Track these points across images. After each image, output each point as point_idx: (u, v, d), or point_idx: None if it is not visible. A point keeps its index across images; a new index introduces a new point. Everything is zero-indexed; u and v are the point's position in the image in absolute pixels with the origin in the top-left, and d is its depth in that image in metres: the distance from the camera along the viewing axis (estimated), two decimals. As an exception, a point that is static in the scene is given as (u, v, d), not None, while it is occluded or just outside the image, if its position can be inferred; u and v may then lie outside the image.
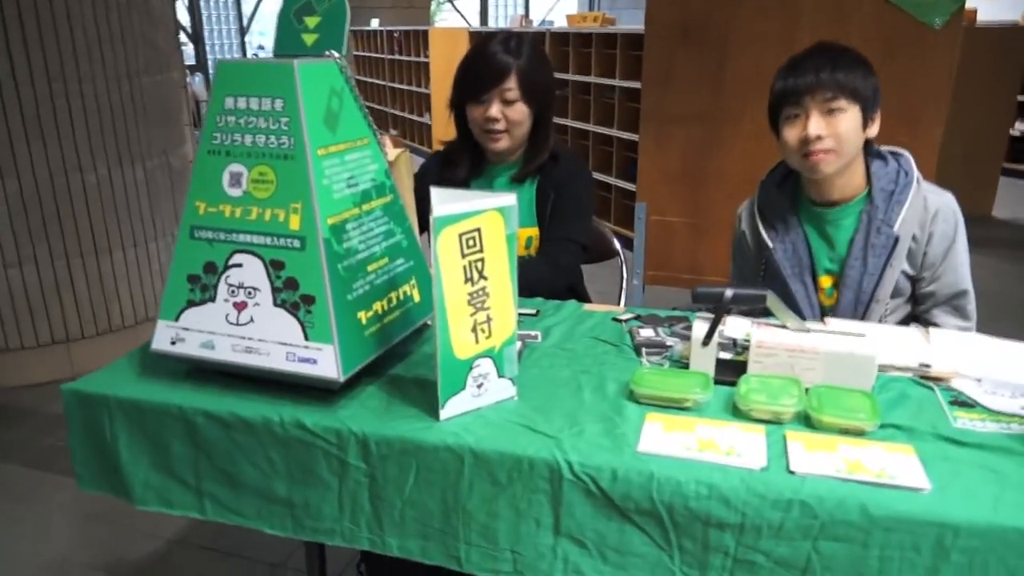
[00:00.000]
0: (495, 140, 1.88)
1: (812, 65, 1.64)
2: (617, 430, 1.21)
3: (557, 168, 1.97)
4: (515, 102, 1.84)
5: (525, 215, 1.97)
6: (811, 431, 1.20)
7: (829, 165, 1.66)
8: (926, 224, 1.70)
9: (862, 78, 1.63)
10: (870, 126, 1.68)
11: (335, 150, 1.31)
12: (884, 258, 1.70)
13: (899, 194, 1.70)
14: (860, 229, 1.72)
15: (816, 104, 1.63)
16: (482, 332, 1.25)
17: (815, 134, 1.62)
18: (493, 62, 1.82)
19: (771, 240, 1.80)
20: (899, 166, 1.74)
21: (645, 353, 1.48)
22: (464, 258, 1.20)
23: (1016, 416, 1.25)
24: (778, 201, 1.81)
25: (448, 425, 1.23)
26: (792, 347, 1.32)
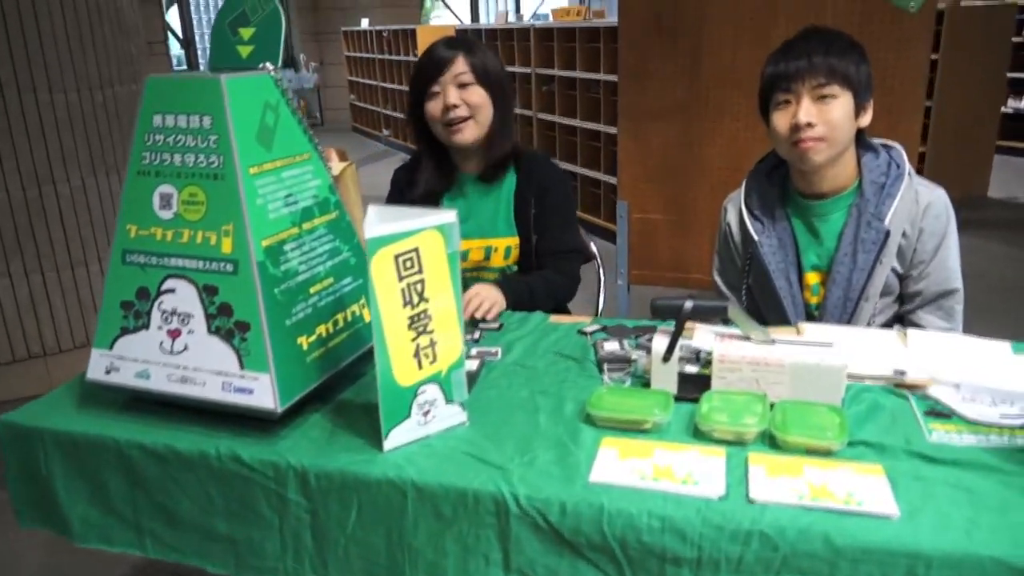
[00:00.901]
0: (459, 130, 1.80)
1: (804, 49, 1.57)
2: (570, 457, 1.14)
3: (533, 171, 1.90)
4: (470, 85, 1.78)
5: (503, 223, 1.90)
6: (776, 452, 1.14)
7: (819, 154, 1.59)
8: (916, 219, 1.63)
9: (855, 64, 1.57)
10: (862, 115, 1.61)
11: (270, 167, 1.24)
12: (874, 253, 1.63)
13: (890, 187, 1.63)
14: (849, 223, 1.65)
15: (807, 90, 1.56)
16: (426, 357, 1.18)
17: (805, 120, 1.56)
18: (439, 55, 1.78)
19: (757, 233, 1.73)
20: (890, 158, 1.67)
21: (607, 369, 1.41)
22: (402, 280, 1.13)
23: (994, 426, 1.18)
24: (766, 192, 1.74)
25: (392, 456, 1.17)
26: (756, 360, 1.25)
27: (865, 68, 1.59)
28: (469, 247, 1.90)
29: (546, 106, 6.04)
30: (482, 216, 1.90)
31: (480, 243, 1.90)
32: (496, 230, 1.90)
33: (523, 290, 1.79)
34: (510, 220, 1.89)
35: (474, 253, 1.91)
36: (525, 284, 1.81)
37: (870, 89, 1.61)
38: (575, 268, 1.94)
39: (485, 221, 1.90)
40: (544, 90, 6.02)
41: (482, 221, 1.90)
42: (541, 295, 1.82)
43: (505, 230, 1.90)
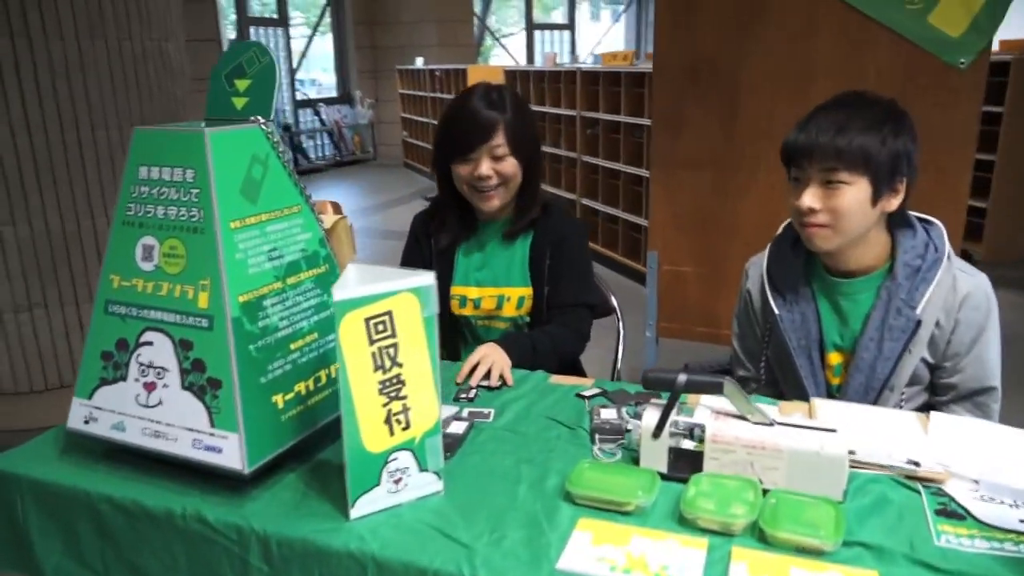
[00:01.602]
0: (488, 199, 1.78)
1: (818, 124, 1.45)
2: (542, 538, 1.08)
3: (550, 222, 1.87)
4: (505, 157, 1.74)
5: (517, 274, 1.87)
6: (763, 547, 1.05)
7: (825, 241, 1.49)
8: (953, 309, 1.51)
9: (880, 142, 1.42)
10: (888, 198, 1.47)
11: (254, 221, 1.22)
12: (902, 343, 1.51)
13: (926, 271, 1.50)
14: (878, 306, 1.53)
15: (815, 172, 1.46)
16: (398, 423, 1.14)
17: (807, 206, 1.46)
18: (479, 118, 1.73)
19: (778, 307, 1.62)
20: (929, 238, 1.54)
21: (598, 440, 1.35)
22: (373, 344, 1.09)
23: (1012, 533, 1.07)
24: (790, 265, 1.63)
25: (357, 526, 1.12)
26: (751, 443, 1.17)
27: (899, 145, 1.44)
28: (482, 295, 1.87)
29: (590, 149, 6.01)
30: (497, 266, 1.88)
31: (494, 292, 1.87)
32: (511, 280, 1.87)
33: (526, 347, 1.73)
34: (525, 271, 1.86)
35: (487, 302, 1.87)
36: (528, 340, 1.76)
37: (900, 169, 1.45)
38: (583, 323, 1.89)
39: (500, 271, 1.87)
40: (588, 133, 6.00)
41: (497, 270, 1.88)
42: (545, 351, 1.77)
43: (519, 280, 1.87)
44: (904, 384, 1.55)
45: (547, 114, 6.65)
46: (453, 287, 1.89)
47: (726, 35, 2.79)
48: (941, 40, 2.56)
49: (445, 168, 1.81)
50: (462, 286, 1.89)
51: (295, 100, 11.53)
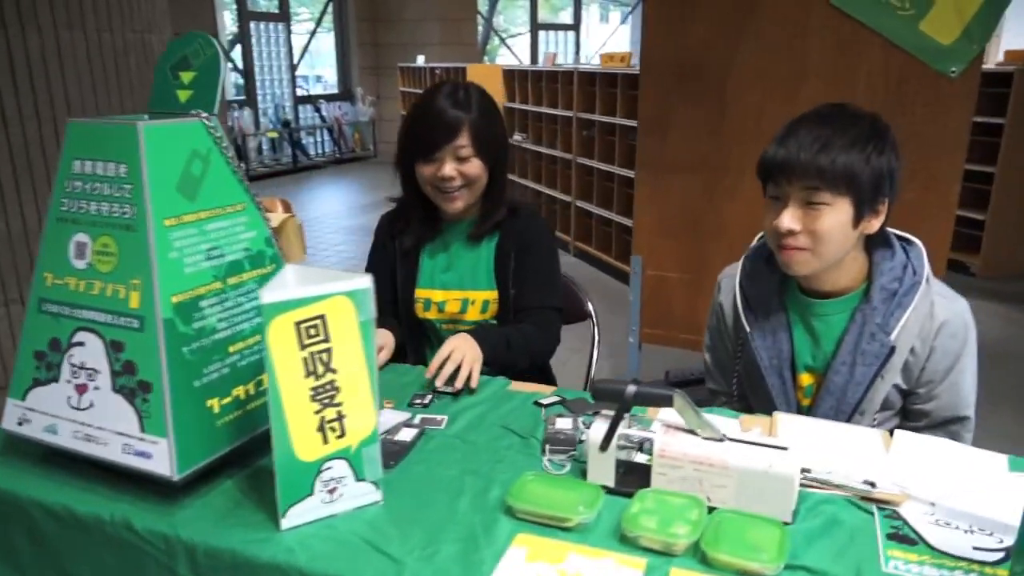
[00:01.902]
0: (452, 200, 1.73)
1: (798, 141, 1.37)
2: (476, 555, 1.04)
3: (516, 224, 1.83)
4: (469, 158, 1.70)
5: (483, 276, 1.83)
6: (704, 569, 1.01)
7: (803, 266, 1.43)
8: (929, 336, 1.45)
9: (864, 161, 1.35)
10: (869, 219, 1.41)
11: (191, 219, 1.18)
12: (875, 368, 1.45)
13: (902, 296, 1.44)
14: (851, 330, 1.47)
15: (795, 191, 1.38)
16: (332, 431, 1.10)
17: (786, 228, 1.39)
18: (443, 118, 1.68)
19: (749, 325, 1.57)
20: (907, 259, 1.47)
21: (548, 451, 1.30)
22: (304, 349, 1.05)
23: (963, 561, 1.03)
24: (765, 282, 1.57)
25: (287, 538, 1.08)
26: (699, 459, 1.12)
27: (881, 163, 1.37)
28: (447, 298, 1.83)
29: (585, 151, 5.96)
30: (462, 268, 1.84)
31: (458, 295, 1.83)
32: (476, 283, 1.83)
33: (501, 341, 1.69)
34: (490, 273, 1.82)
35: (451, 304, 1.83)
36: (503, 335, 1.71)
37: (883, 190, 1.39)
38: (553, 325, 1.84)
39: (465, 273, 1.83)
40: (584, 135, 5.96)
41: (462, 273, 1.84)
42: (519, 347, 1.72)
43: (485, 283, 1.82)
44: (875, 410, 1.50)
45: (543, 115, 6.62)
46: (417, 290, 1.85)
47: (715, 35, 2.74)
48: (932, 48, 2.52)
49: (409, 167, 1.77)
50: (427, 289, 1.85)
51: (295, 96, 11.50)
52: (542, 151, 6.73)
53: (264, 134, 11.23)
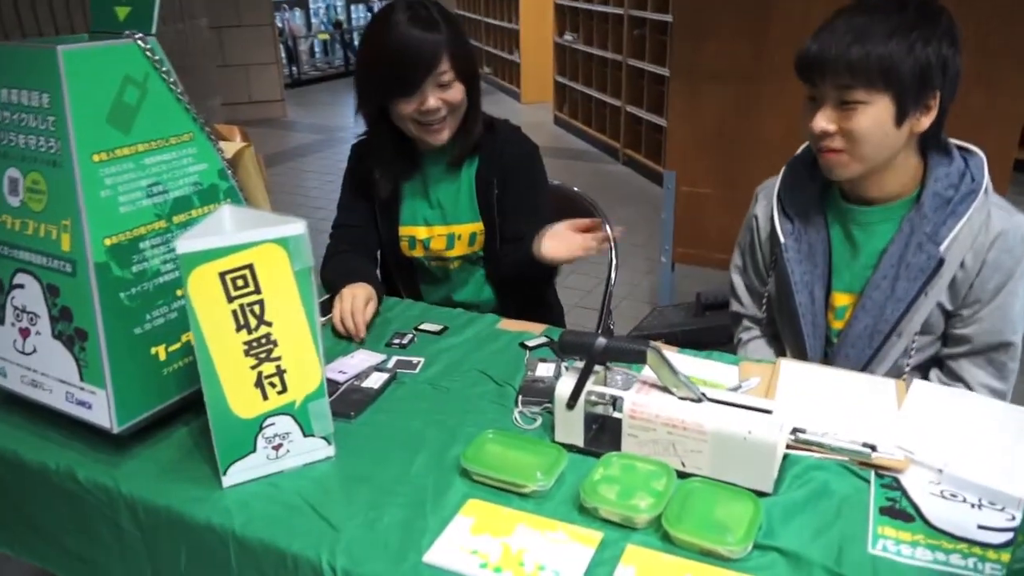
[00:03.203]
0: (437, 132, 1.57)
1: (834, 32, 1.23)
2: (420, 522, 0.96)
3: (495, 145, 1.66)
4: (451, 84, 1.52)
5: (465, 208, 1.69)
6: (665, 547, 0.91)
7: (843, 169, 1.30)
8: (983, 249, 1.29)
9: (905, 51, 1.20)
10: (917, 117, 1.25)
11: (126, 153, 1.09)
12: (920, 283, 1.31)
13: (957, 204, 1.30)
14: (896, 240, 1.33)
15: (830, 89, 1.25)
16: (272, 386, 1.02)
17: (820, 128, 1.27)
18: (417, 46, 1.48)
19: (784, 235, 1.43)
20: (966, 167, 1.33)
21: (521, 402, 1.21)
22: (232, 302, 0.97)
23: (963, 543, 0.91)
24: (805, 188, 1.44)
25: (225, 497, 1.02)
26: (671, 421, 1.02)
27: (930, 52, 1.21)
28: (431, 234, 1.71)
29: (636, 52, 5.64)
30: (445, 201, 1.69)
31: (443, 230, 1.70)
32: (459, 215, 1.69)
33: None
34: (473, 204, 1.68)
35: (436, 242, 1.71)
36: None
37: (935, 80, 1.23)
38: None
39: (448, 206, 1.69)
40: (635, 34, 5.62)
41: (445, 206, 1.69)
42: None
43: (468, 215, 1.68)
44: (915, 331, 1.35)
45: (595, 12, 6.26)
46: (401, 227, 1.71)
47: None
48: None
49: (378, 106, 1.59)
50: (410, 226, 1.71)
51: (347, -7, 11.21)
52: (593, 52, 6.41)
53: (315, 36, 11.04)
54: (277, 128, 7.77)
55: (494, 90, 9.50)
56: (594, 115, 6.62)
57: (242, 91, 7.80)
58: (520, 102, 8.57)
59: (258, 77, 7.88)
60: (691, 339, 1.77)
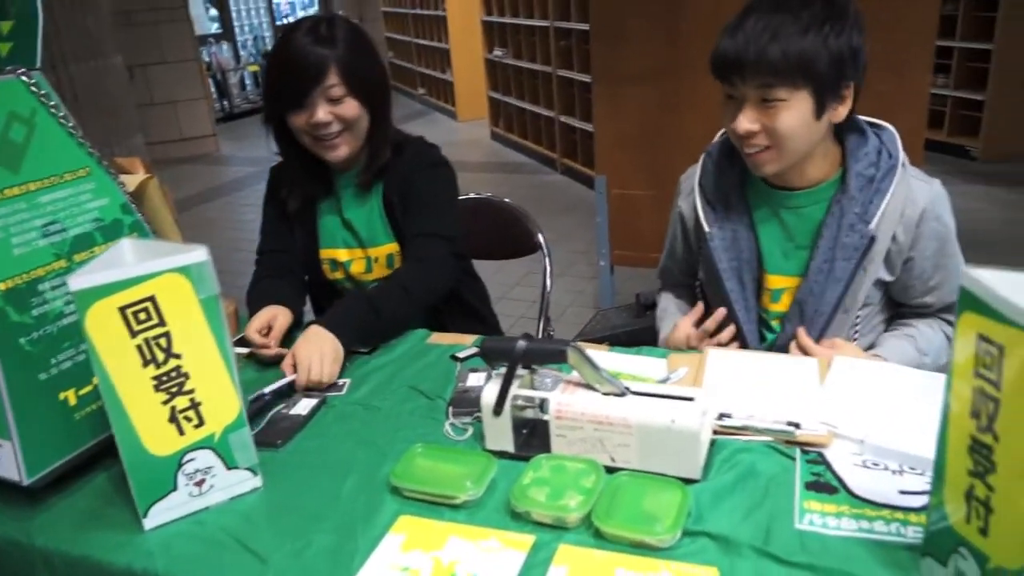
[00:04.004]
0: (333, 148, 1.55)
1: (747, 32, 1.23)
2: (349, 545, 0.94)
3: (399, 164, 1.64)
4: (342, 99, 1.51)
5: (379, 229, 1.66)
6: (595, 544, 0.91)
7: (768, 164, 1.31)
8: (912, 223, 1.33)
9: (820, 44, 1.21)
10: (834, 107, 1.28)
11: (16, 193, 1.05)
12: (855, 261, 1.33)
13: (880, 181, 1.33)
14: (829, 223, 1.35)
15: (750, 89, 1.25)
16: (187, 420, 0.99)
17: (744, 129, 1.27)
18: (306, 58, 1.48)
19: (708, 223, 1.44)
20: (881, 143, 1.36)
21: (452, 413, 1.20)
22: (136, 336, 0.94)
23: (886, 509, 0.92)
24: (725, 175, 1.44)
25: (148, 540, 0.99)
26: (597, 418, 1.01)
27: (842, 44, 1.23)
28: (351, 257, 1.68)
29: (564, 63, 5.70)
30: (359, 224, 1.66)
31: (360, 253, 1.68)
32: (374, 238, 1.66)
33: (365, 316, 1.44)
34: (386, 227, 1.65)
35: (355, 265, 1.68)
36: (365, 304, 1.46)
37: (848, 71, 1.25)
38: (438, 251, 1.58)
39: (362, 230, 1.66)
40: (562, 45, 5.68)
41: (360, 229, 1.67)
42: (395, 308, 1.48)
43: (383, 236, 1.66)
44: (858, 306, 1.38)
45: (521, 26, 6.32)
46: (322, 250, 1.69)
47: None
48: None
49: (280, 121, 1.57)
50: (330, 248, 1.69)
51: (275, 25, 11.13)
52: (523, 65, 6.46)
53: (245, 68, 10.91)
54: (211, 163, 7.66)
55: (430, 110, 9.51)
56: (529, 127, 6.66)
57: (172, 128, 7.68)
58: (457, 120, 8.59)
59: (187, 113, 7.77)
60: (634, 339, 1.77)
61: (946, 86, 5.61)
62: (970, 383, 0.72)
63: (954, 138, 5.59)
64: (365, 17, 11.66)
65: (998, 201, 4.72)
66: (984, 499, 0.73)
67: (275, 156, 1.68)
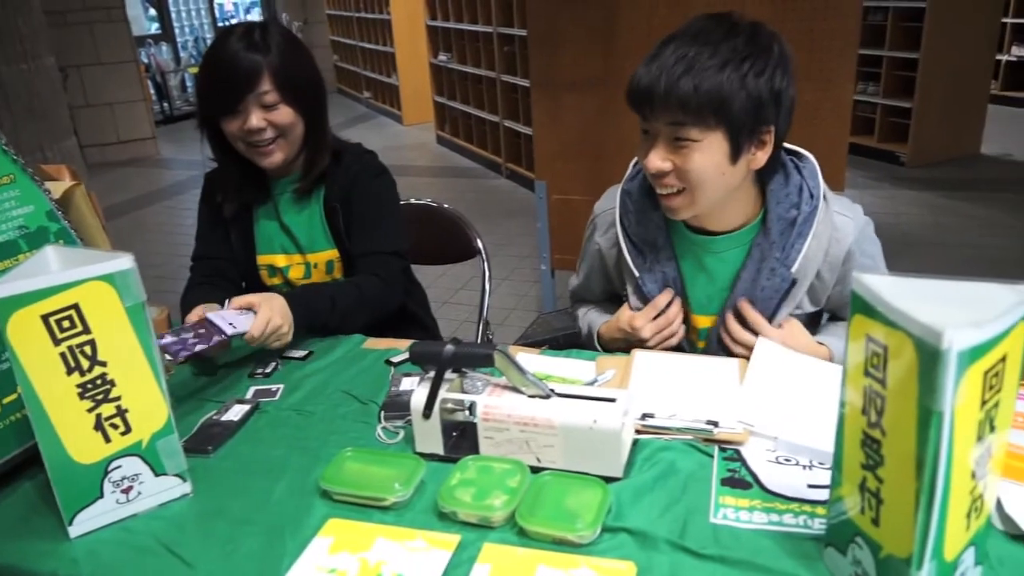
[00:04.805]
0: (267, 154, 1.55)
1: (663, 64, 1.17)
2: (278, 548, 0.96)
3: (339, 171, 1.65)
4: (276, 105, 1.52)
5: (319, 236, 1.68)
6: (519, 542, 0.94)
7: (681, 210, 1.28)
8: (837, 262, 1.33)
9: (737, 83, 1.15)
10: (752, 152, 1.23)
11: (-63, 201, 1.04)
12: (776, 301, 1.33)
13: (802, 224, 1.30)
14: (748, 266, 1.33)
15: (662, 126, 1.21)
16: (113, 427, 0.99)
17: (655, 168, 1.23)
18: (239, 64, 1.48)
19: (638, 268, 1.40)
20: (802, 179, 1.32)
21: (384, 417, 1.22)
22: (60, 345, 0.94)
23: (794, 502, 0.97)
24: (648, 217, 1.38)
25: (74, 548, 0.99)
26: (524, 420, 1.04)
27: (762, 85, 1.17)
28: (290, 263, 1.69)
29: (508, 68, 5.74)
30: (298, 230, 1.67)
31: (299, 259, 1.69)
32: (314, 244, 1.67)
33: (322, 304, 1.50)
34: (326, 233, 1.66)
35: (294, 270, 1.69)
36: (327, 294, 1.52)
37: (769, 115, 1.20)
38: (390, 270, 1.63)
39: (301, 236, 1.67)
40: (506, 50, 5.73)
41: (299, 236, 1.67)
42: (349, 305, 1.53)
43: (323, 243, 1.67)
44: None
45: (465, 32, 6.35)
46: (259, 256, 1.69)
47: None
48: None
49: (214, 126, 1.57)
50: (268, 254, 1.69)
51: (216, 26, 10.94)
52: (467, 70, 6.49)
53: (185, 70, 10.70)
54: (150, 167, 7.51)
55: (376, 114, 9.47)
56: (475, 132, 6.69)
57: (109, 131, 7.51)
58: (402, 124, 8.57)
59: (125, 116, 7.60)
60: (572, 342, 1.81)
61: (876, 94, 5.82)
62: (862, 382, 0.77)
63: (884, 144, 5.80)
64: (310, 20, 11.57)
65: (926, 205, 4.91)
66: (875, 491, 0.78)
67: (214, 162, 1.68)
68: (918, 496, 0.72)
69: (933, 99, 5.43)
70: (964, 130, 5.76)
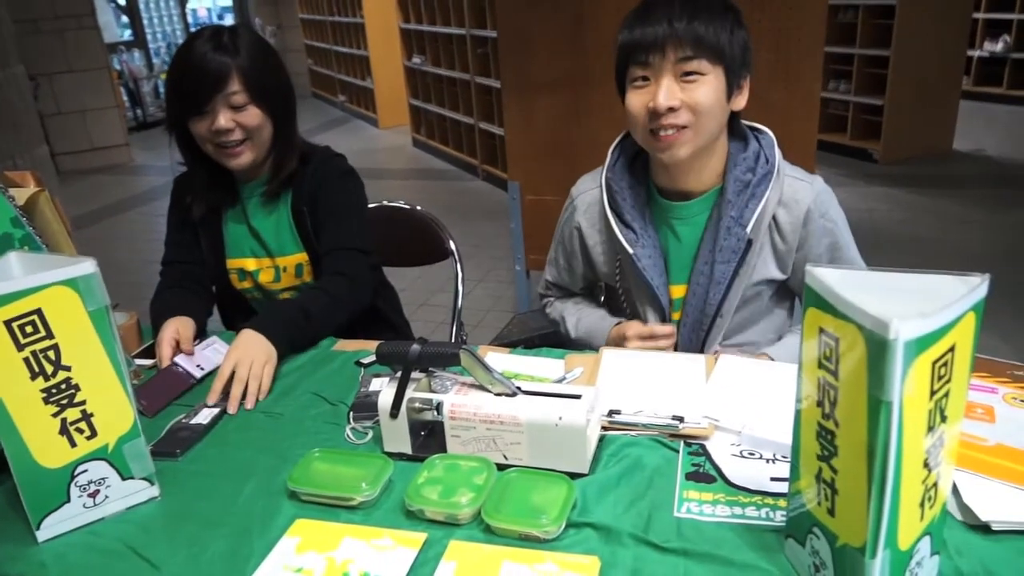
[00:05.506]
0: (235, 155, 1.56)
1: (665, 12, 1.28)
2: (245, 549, 0.96)
3: (307, 172, 1.65)
4: (245, 106, 1.52)
5: (288, 239, 1.68)
6: (485, 538, 0.95)
7: (684, 146, 1.32)
8: (799, 223, 1.39)
9: (728, 32, 1.29)
10: (736, 95, 1.35)
11: (-103, 208, 1.04)
12: (733, 264, 1.38)
13: (756, 186, 1.37)
14: (708, 227, 1.40)
15: (669, 65, 1.28)
16: (79, 432, 0.99)
17: (666, 105, 1.28)
18: (207, 65, 1.49)
19: (631, 244, 1.42)
20: (760, 148, 1.41)
21: (352, 418, 1.23)
22: (23, 350, 0.93)
23: (757, 495, 0.99)
24: (636, 193, 1.44)
25: (41, 552, 0.98)
26: (490, 418, 1.05)
27: (740, 36, 1.31)
28: (260, 266, 1.69)
29: (482, 70, 5.76)
30: (266, 234, 1.67)
31: (269, 263, 1.68)
32: (283, 247, 1.67)
33: (296, 318, 1.47)
34: (295, 236, 1.66)
35: (264, 274, 1.69)
36: (298, 308, 1.51)
37: (747, 63, 1.34)
38: (356, 266, 1.61)
39: (270, 239, 1.67)
40: (479, 53, 5.74)
41: (267, 239, 1.67)
42: (324, 311, 1.52)
43: (292, 246, 1.67)
44: (732, 311, 1.43)
45: (439, 34, 6.35)
46: (228, 260, 1.69)
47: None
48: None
49: (182, 128, 1.57)
50: (237, 258, 1.69)
51: (188, 31, 10.86)
52: (442, 73, 6.49)
53: (158, 76, 10.61)
54: (124, 174, 7.44)
55: (351, 117, 9.44)
56: (450, 134, 6.69)
57: (82, 138, 7.43)
58: (378, 127, 8.55)
59: (98, 123, 7.52)
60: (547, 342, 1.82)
61: (848, 92, 5.89)
62: (816, 374, 0.79)
63: (856, 142, 5.88)
64: (283, 24, 11.53)
65: (898, 202, 4.98)
66: (830, 481, 0.80)
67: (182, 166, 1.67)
68: (870, 485, 0.74)
69: (905, 96, 5.51)
70: (936, 126, 5.83)
